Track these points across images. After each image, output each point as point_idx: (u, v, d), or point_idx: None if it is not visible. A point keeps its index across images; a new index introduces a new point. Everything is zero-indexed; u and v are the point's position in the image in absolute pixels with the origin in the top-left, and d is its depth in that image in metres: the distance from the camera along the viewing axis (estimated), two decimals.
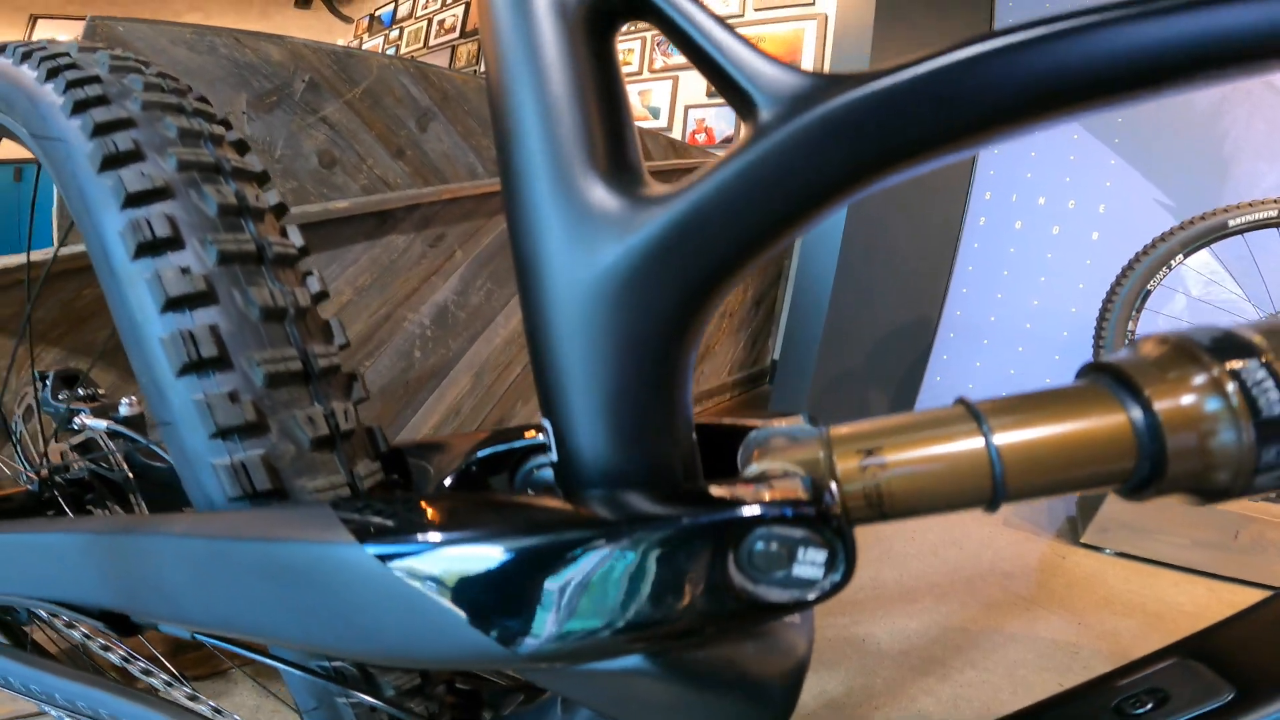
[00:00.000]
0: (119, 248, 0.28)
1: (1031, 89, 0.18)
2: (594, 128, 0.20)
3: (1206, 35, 0.17)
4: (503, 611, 0.18)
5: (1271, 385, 0.16)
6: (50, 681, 0.43)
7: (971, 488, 0.18)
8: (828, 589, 0.17)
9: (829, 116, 0.19)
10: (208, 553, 0.22)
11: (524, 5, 0.22)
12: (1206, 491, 0.17)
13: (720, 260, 0.19)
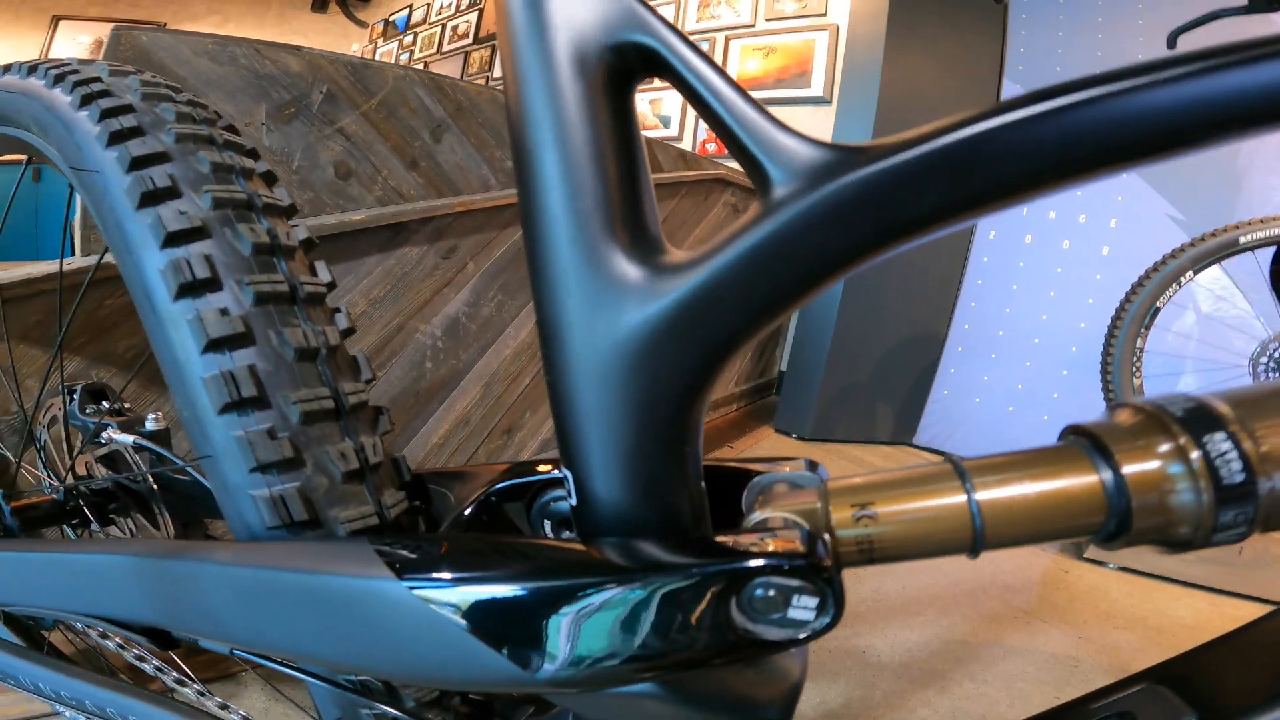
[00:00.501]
0: (160, 287, 0.30)
1: (1040, 161, 0.20)
2: (615, 198, 0.22)
3: (1210, 102, 0.18)
4: (526, 642, 0.20)
5: (1234, 455, 0.18)
6: (68, 684, 0.45)
7: (954, 539, 0.20)
8: (818, 629, 0.19)
9: (841, 194, 0.20)
10: (254, 580, 0.24)
11: (548, 63, 0.24)
12: (1170, 544, 0.19)
13: (732, 330, 0.21)
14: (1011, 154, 0.20)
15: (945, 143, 0.20)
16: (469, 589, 0.20)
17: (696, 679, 0.22)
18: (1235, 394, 0.20)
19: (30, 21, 5.03)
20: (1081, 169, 0.20)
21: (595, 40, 0.25)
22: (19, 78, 0.46)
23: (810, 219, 0.20)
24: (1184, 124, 0.19)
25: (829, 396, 2.18)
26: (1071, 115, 0.20)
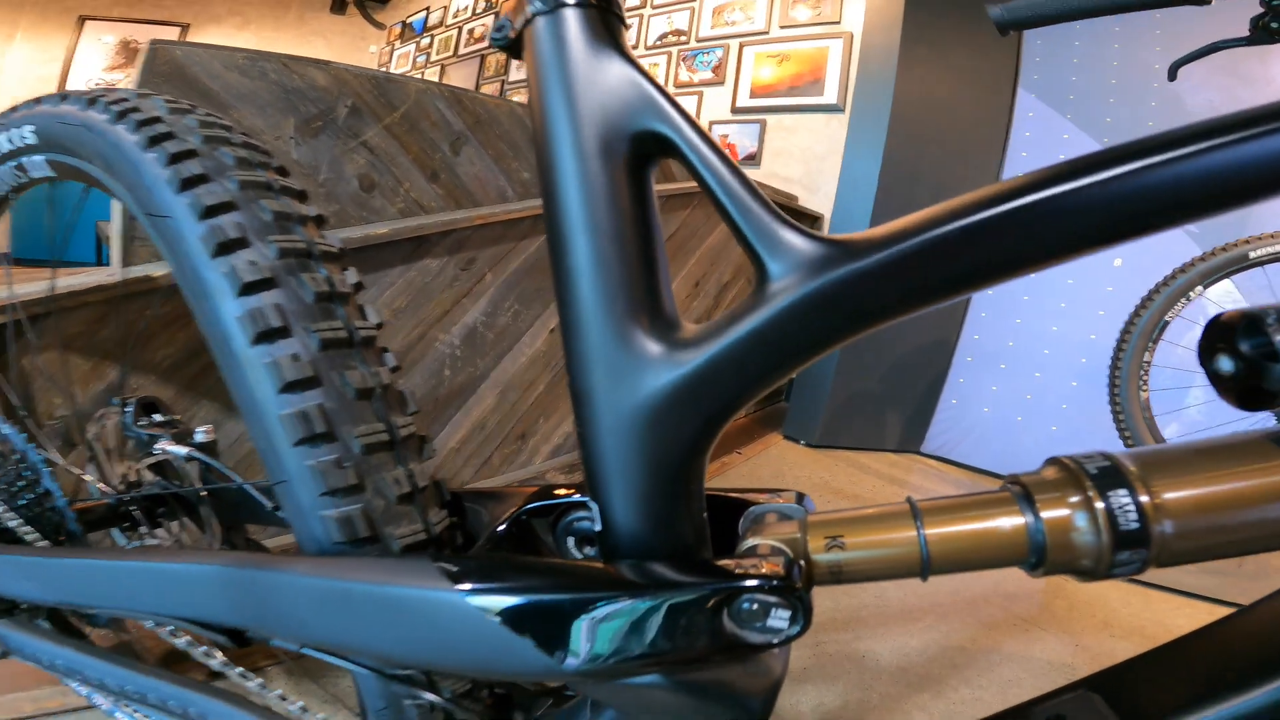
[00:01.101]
0: (238, 333, 0.35)
1: (1014, 250, 0.24)
2: (637, 283, 0.27)
3: (1193, 181, 0.23)
4: (559, 642, 0.26)
5: (1132, 508, 0.23)
6: (134, 679, 0.51)
7: (905, 566, 0.24)
8: (791, 636, 0.25)
9: (828, 288, 0.25)
10: (333, 590, 0.29)
11: (579, 151, 0.29)
12: (1078, 574, 0.23)
13: (730, 399, 0.26)
14: (973, 252, 0.25)
15: (920, 240, 0.25)
16: (515, 598, 0.25)
17: (693, 673, 0.27)
18: (1144, 453, 0.25)
19: (57, 22, 5.14)
20: (1041, 259, 0.24)
21: (619, 128, 0.30)
22: (78, 109, 0.50)
23: (801, 309, 0.25)
24: (1117, 218, 0.24)
25: (837, 404, 2.22)
26: (1029, 213, 0.25)
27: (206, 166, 0.41)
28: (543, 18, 0.32)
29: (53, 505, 0.58)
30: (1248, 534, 0.22)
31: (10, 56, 5.04)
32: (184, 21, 5.57)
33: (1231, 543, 0.23)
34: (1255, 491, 0.22)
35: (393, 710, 0.41)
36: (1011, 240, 0.24)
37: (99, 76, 5.33)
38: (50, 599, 0.49)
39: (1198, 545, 0.22)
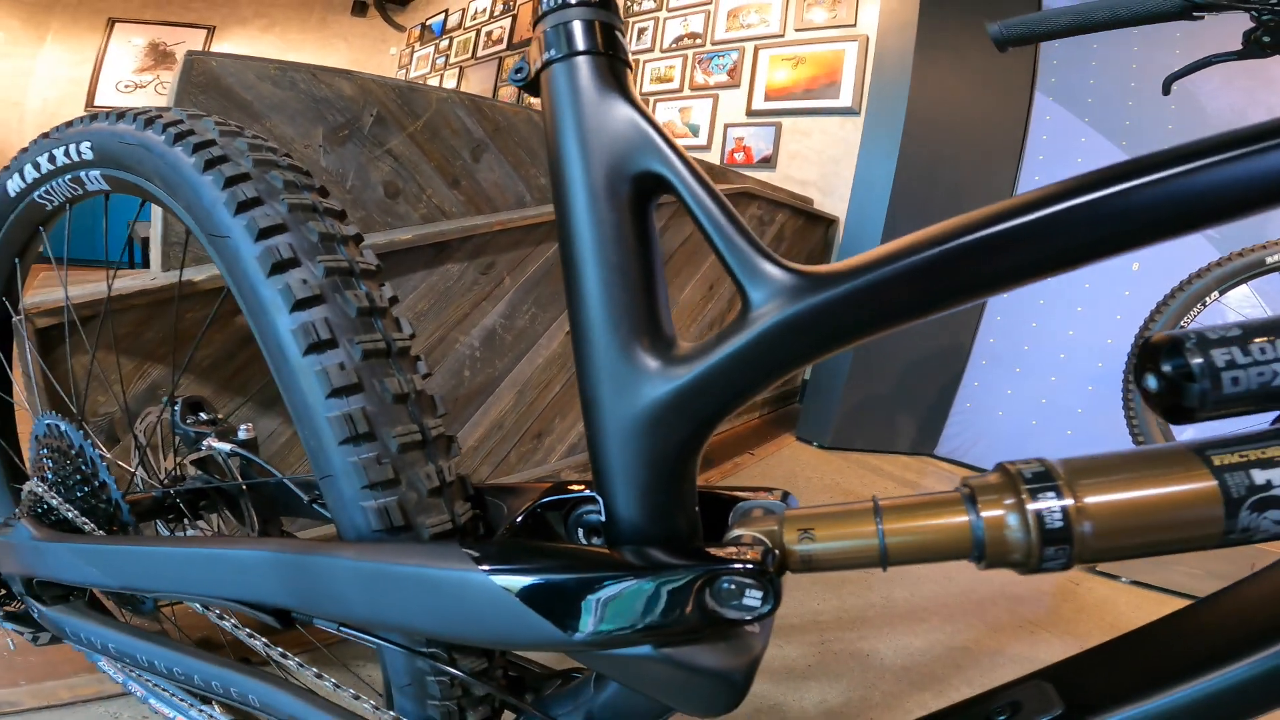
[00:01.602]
0: (292, 344, 0.40)
1: (958, 283, 0.28)
2: (640, 308, 0.32)
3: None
4: (569, 616, 0.31)
5: (1057, 510, 0.27)
6: (182, 661, 0.56)
7: (866, 558, 0.29)
8: (762, 614, 0.30)
9: (802, 314, 0.30)
10: (371, 571, 0.34)
11: (590, 190, 0.34)
12: (1014, 568, 0.27)
13: (717, 409, 0.31)
14: (924, 285, 0.29)
15: (878, 274, 0.29)
16: (532, 578, 0.30)
17: (681, 646, 0.31)
18: (1076, 461, 0.28)
19: (87, 24, 5.28)
20: (991, 287, 0.29)
21: (623, 169, 0.34)
22: (136, 128, 0.53)
23: (777, 332, 0.29)
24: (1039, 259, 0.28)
25: (850, 406, 2.24)
26: (968, 251, 0.29)
27: (259, 189, 0.46)
28: (558, 64, 0.37)
29: (108, 497, 0.63)
30: (1162, 536, 0.26)
31: (42, 58, 5.17)
32: (211, 24, 5.69)
33: (1146, 544, 0.26)
34: (1170, 498, 0.26)
35: (416, 686, 0.45)
36: (954, 275, 0.28)
37: (129, 78, 5.47)
38: (114, 584, 0.54)
39: (1114, 545, 0.26)
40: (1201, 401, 0.26)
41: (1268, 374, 0.25)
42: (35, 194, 0.66)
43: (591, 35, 0.37)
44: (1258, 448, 0.27)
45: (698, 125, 2.83)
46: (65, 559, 0.56)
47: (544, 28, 0.38)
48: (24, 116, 5.07)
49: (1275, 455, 0.26)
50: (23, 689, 0.90)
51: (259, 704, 0.52)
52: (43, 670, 0.92)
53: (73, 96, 5.25)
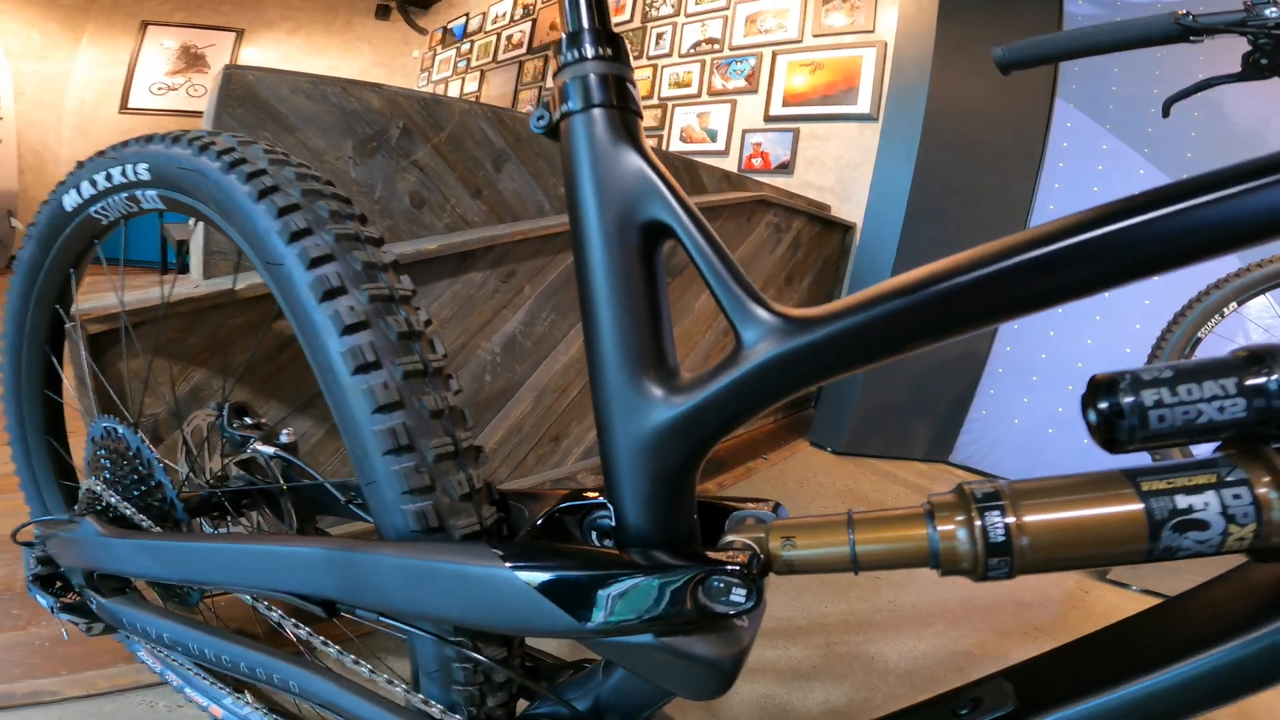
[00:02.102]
0: (341, 365, 0.45)
1: (925, 328, 0.33)
2: (647, 344, 0.37)
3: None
4: (583, 608, 0.36)
5: (1000, 526, 0.31)
6: (228, 649, 0.61)
7: (840, 564, 0.33)
8: (746, 609, 0.35)
9: (785, 353, 0.34)
10: (413, 568, 0.40)
11: (609, 229, 0.39)
12: (964, 575, 0.32)
13: (714, 431, 0.36)
14: (894, 328, 0.33)
15: (859, 318, 0.34)
16: (551, 574, 0.35)
17: (678, 635, 0.36)
18: (1022, 483, 0.33)
19: (121, 26, 5.43)
20: (954, 331, 0.33)
21: (632, 218, 0.39)
22: (191, 153, 0.57)
23: (765, 369, 0.34)
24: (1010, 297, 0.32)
25: (865, 412, 2.26)
26: (935, 300, 0.33)
27: (309, 219, 0.50)
28: (576, 115, 0.42)
29: (163, 496, 0.69)
30: (1092, 551, 0.31)
31: (78, 60, 5.31)
32: (239, 27, 5.83)
33: (1079, 558, 0.31)
34: (1100, 518, 0.31)
35: (443, 673, 0.51)
36: (921, 321, 0.32)
37: (161, 80, 5.62)
38: (174, 578, 0.60)
39: (1050, 558, 0.31)
40: (1130, 436, 0.30)
41: (1192, 413, 0.29)
42: (91, 209, 0.70)
43: (606, 89, 0.42)
44: (1184, 475, 0.31)
45: (715, 130, 2.87)
46: (130, 554, 0.62)
47: (563, 80, 0.43)
48: (61, 117, 5.25)
49: (1199, 483, 0.30)
50: (63, 678, 0.95)
51: (298, 689, 0.57)
52: (83, 661, 0.98)
53: (108, 98, 5.42)
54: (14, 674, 0.95)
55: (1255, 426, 0.30)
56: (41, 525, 0.73)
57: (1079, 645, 0.40)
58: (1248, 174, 0.29)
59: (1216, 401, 0.29)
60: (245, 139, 0.60)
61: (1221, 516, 0.30)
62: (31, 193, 5.06)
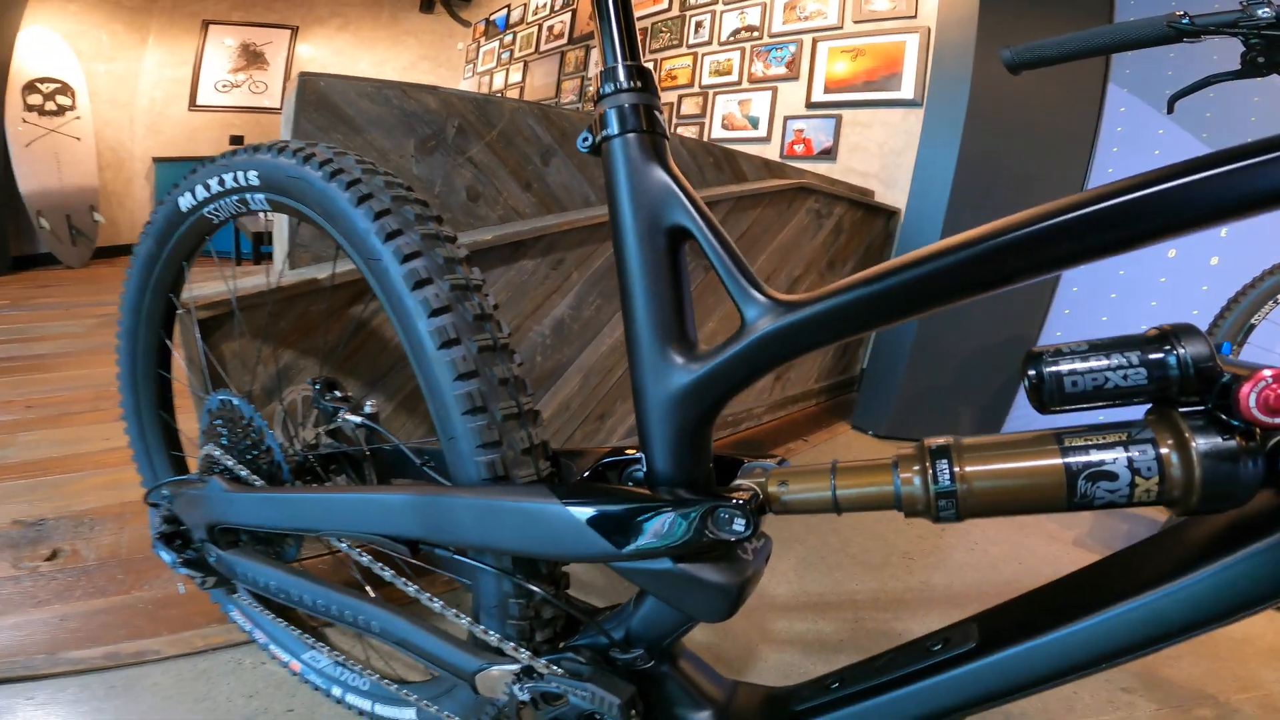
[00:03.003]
0: (429, 342, 0.57)
1: (898, 308, 0.42)
2: (673, 322, 0.47)
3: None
4: (619, 536, 0.46)
5: (947, 475, 0.40)
6: (310, 588, 0.72)
7: (823, 505, 0.43)
8: (744, 536, 0.44)
9: (781, 328, 0.44)
10: (485, 507, 0.51)
11: (639, 239, 0.49)
12: (921, 516, 0.41)
13: (724, 392, 0.46)
14: (863, 311, 0.42)
15: (834, 301, 0.43)
16: (596, 510, 0.46)
17: (693, 561, 0.46)
18: (969, 439, 0.42)
19: (183, 26, 5.72)
20: (916, 312, 0.42)
21: (659, 223, 0.49)
22: (295, 163, 0.68)
23: (762, 341, 0.44)
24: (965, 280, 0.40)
25: (908, 396, 2.28)
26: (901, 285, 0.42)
27: (400, 222, 0.61)
28: (614, 139, 0.52)
29: (271, 459, 0.82)
30: (1021, 498, 0.39)
31: (146, 60, 5.61)
32: (293, 24, 6.08)
33: (1012, 504, 0.39)
34: (1027, 470, 0.39)
35: (500, 608, 0.62)
36: (882, 307, 0.41)
37: (225, 78, 5.92)
38: (288, 526, 0.72)
39: (987, 503, 0.39)
40: (1051, 399, 0.38)
41: (1100, 380, 0.38)
42: (205, 209, 0.81)
43: (637, 117, 0.52)
44: (1101, 435, 0.39)
45: (757, 117, 2.91)
46: (253, 506, 0.75)
47: (602, 109, 0.53)
48: (134, 116, 5.59)
49: (1111, 440, 0.38)
50: (164, 639, 1.06)
51: (379, 629, 0.69)
52: (181, 622, 1.10)
53: (177, 96, 5.74)
54: (120, 635, 1.06)
55: (1157, 393, 0.37)
56: (171, 485, 0.87)
57: (1036, 593, 0.48)
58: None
59: (1121, 371, 0.37)
60: (340, 150, 0.71)
61: (1128, 469, 0.38)
62: (111, 188, 5.42)
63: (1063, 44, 0.77)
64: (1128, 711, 1.07)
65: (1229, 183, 0.36)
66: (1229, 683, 1.14)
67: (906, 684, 0.47)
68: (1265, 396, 0.34)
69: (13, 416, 1.95)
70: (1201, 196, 0.36)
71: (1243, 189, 0.36)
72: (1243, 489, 0.37)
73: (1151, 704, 1.08)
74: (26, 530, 1.35)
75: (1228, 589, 0.39)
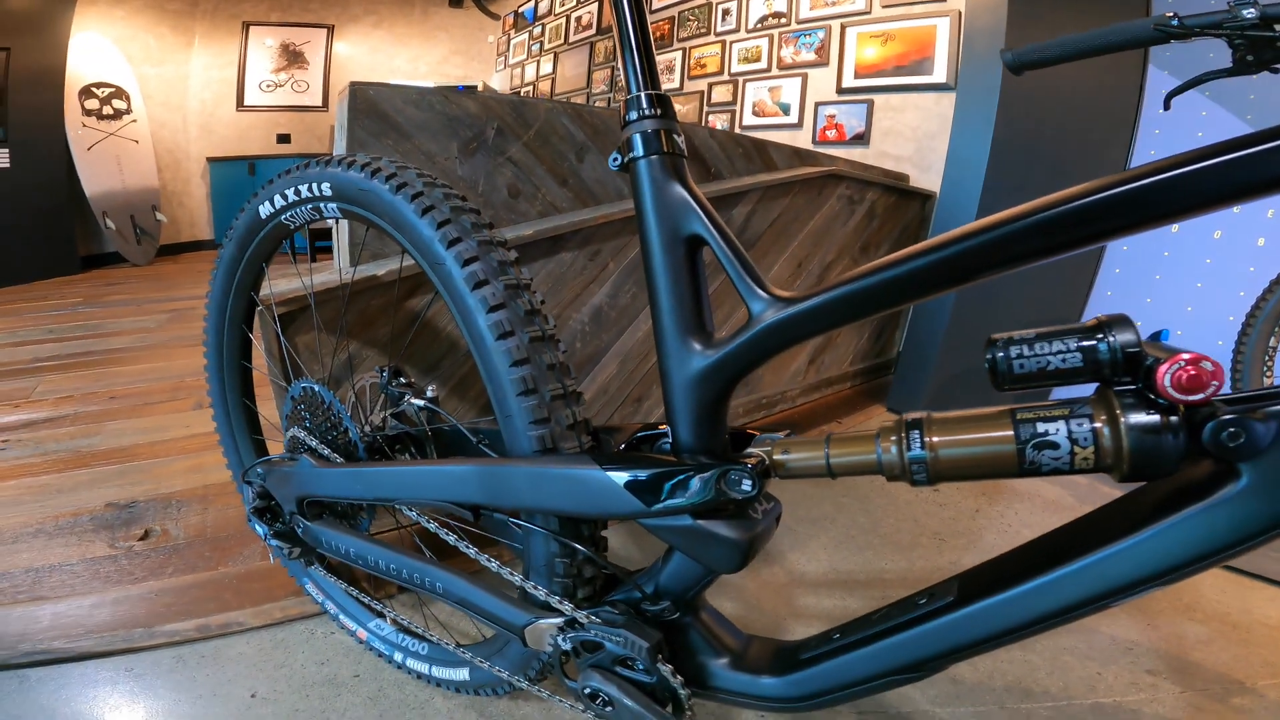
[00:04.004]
0: (488, 334, 0.67)
1: (879, 302, 0.51)
2: (692, 315, 0.57)
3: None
4: (650, 495, 0.57)
5: (919, 443, 0.49)
6: (384, 554, 0.83)
7: (819, 470, 0.53)
8: (750, 496, 0.54)
9: (781, 319, 0.53)
10: (538, 474, 0.62)
11: (663, 247, 0.59)
12: (899, 480, 0.50)
13: (736, 373, 0.56)
14: (849, 305, 0.51)
15: (826, 297, 0.52)
16: (630, 474, 0.57)
17: (709, 518, 0.56)
18: (939, 413, 0.50)
19: (225, 28, 5.96)
20: (894, 305, 0.50)
21: (679, 233, 0.59)
22: (364, 176, 0.78)
23: (766, 331, 0.54)
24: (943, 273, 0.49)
25: (945, 377, 2.30)
26: (882, 286, 0.51)
27: (459, 230, 0.72)
28: (640, 160, 0.62)
29: (349, 439, 0.95)
30: (980, 465, 0.47)
31: (193, 62, 5.85)
32: (329, 23, 6.27)
33: (973, 467, 0.47)
34: (983, 439, 0.47)
35: (548, 567, 0.73)
36: (867, 301, 0.50)
37: (268, 78, 6.15)
38: (369, 496, 0.84)
39: (953, 467, 0.48)
40: (1003, 379, 0.47)
41: (1042, 363, 0.46)
42: (282, 216, 0.92)
43: (659, 141, 0.61)
44: (1047, 409, 0.47)
45: (788, 104, 2.95)
46: (338, 480, 0.87)
47: (628, 134, 0.62)
48: (187, 118, 5.86)
49: (1055, 414, 0.47)
50: (248, 611, 1.17)
51: (442, 589, 0.80)
52: (262, 595, 1.20)
53: (225, 97, 6.00)
54: (210, 608, 1.17)
55: (1092, 374, 0.45)
56: (265, 464, 1.01)
57: (1010, 554, 0.55)
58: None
59: (1061, 355, 0.45)
60: (402, 164, 0.80)
61: (1068, 440, 0.46)
62: (170, 188, 5.72)
63: (1062, 45, 0.81)
64: (1151, 694, 1.07)
65: (1256, 165, 0.39)
66: (1259, 668, 1.13)
67: (896, 633, 0.56)
68: (1178, 377, 0.42)
69: (99, 406, 2.14)
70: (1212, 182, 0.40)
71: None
72: (1167, 459, 0.43)
73: (1176, 687, 1.08)
74: (120, 512, 1.49)
75: (1163, 551, 0.45)
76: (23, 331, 3.12)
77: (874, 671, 0.57)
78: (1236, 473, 0.43)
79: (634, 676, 0.66)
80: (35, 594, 1.20)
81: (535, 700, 1.00)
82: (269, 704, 1.00)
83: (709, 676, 0.66)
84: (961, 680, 1.07)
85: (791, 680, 0.62)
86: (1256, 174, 0.39)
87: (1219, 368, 0.42)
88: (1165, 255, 2.23)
